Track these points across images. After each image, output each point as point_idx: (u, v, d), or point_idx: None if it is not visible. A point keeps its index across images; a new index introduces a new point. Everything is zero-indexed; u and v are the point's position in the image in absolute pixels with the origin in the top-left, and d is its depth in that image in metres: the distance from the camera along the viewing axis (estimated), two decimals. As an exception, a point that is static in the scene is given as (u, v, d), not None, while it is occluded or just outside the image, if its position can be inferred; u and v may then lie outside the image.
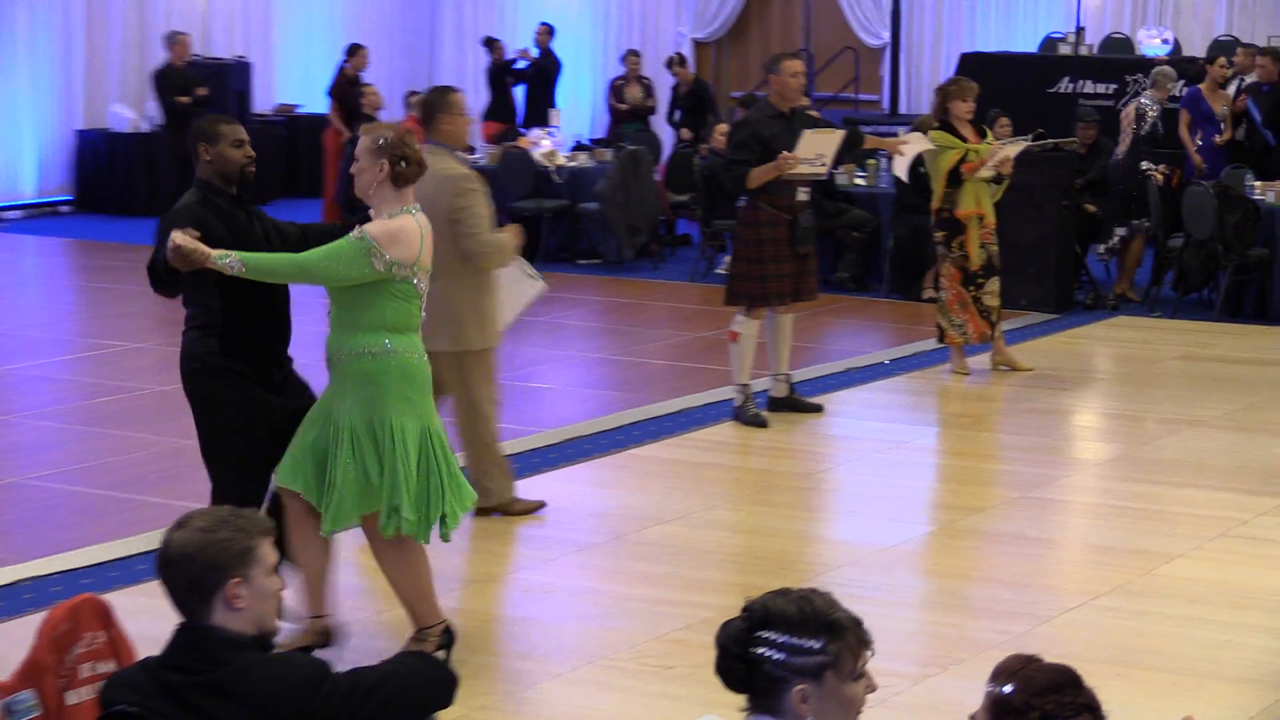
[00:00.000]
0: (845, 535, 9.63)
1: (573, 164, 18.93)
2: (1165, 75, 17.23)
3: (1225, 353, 13.87)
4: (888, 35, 24.35)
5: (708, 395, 12.15)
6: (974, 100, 12.71)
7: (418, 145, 7.01)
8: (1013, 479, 10.47)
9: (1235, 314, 15.25)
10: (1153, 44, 21.39)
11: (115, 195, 21.55)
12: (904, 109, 23.83)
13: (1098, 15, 23.14)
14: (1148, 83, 17.41)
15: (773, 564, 8.71)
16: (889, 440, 11.24)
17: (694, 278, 17.34)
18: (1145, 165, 15.96)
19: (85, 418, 11.48)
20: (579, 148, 20.32)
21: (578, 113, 24.98)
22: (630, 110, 22.12)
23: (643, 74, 22.60)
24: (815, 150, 11.11)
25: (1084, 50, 20.23)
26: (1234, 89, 17.65)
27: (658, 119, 22.66)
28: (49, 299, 17.28)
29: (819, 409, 11.75)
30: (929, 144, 12.51)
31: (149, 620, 6.14)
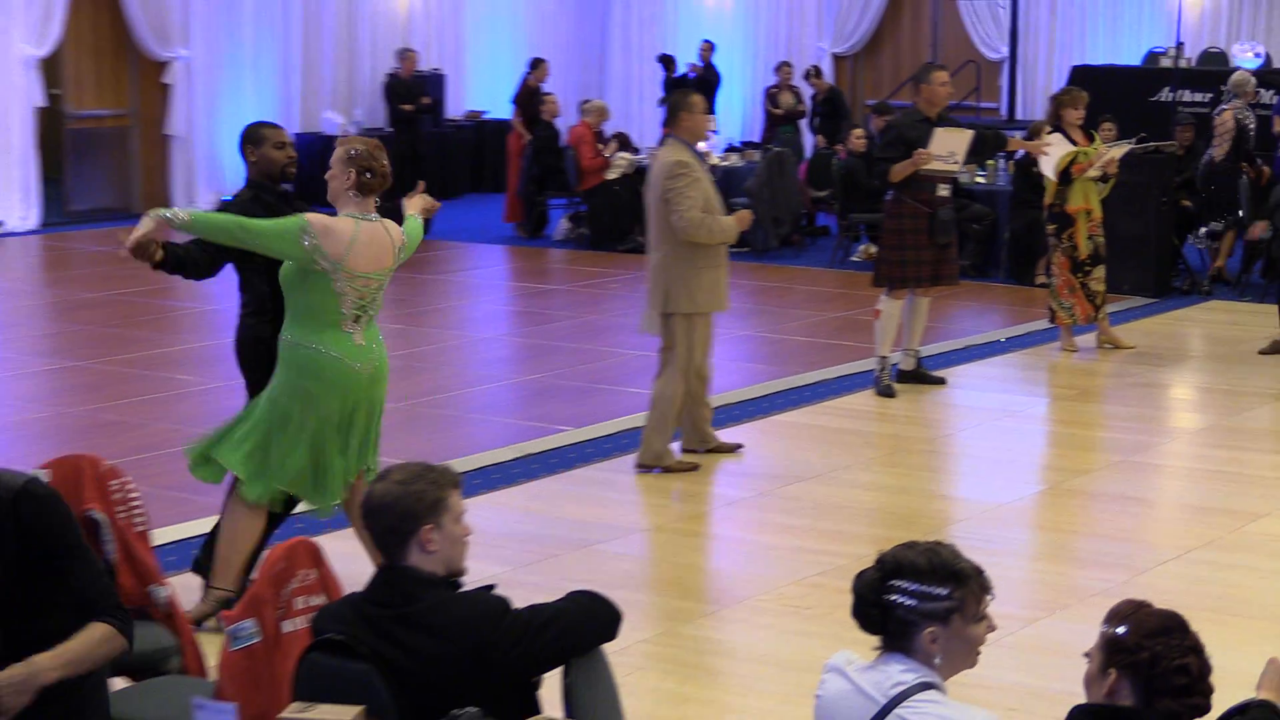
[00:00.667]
0: (965, 493, 9.56)
1: (725, 164, 18.94)
2: (1243, 82, 16.96)
3: (1309, 334, 13.64)
4: (1006, 50, 24.13)
5: (843, 368, 12.11)
6: (1083, 108, 12.60)
7: (385, 160, 6.75)
8: (1115, 445, 10.35)
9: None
10: (1245, 57, 21.04)
11: (325, 189, 21.75)
12: (1020, 115, 23.60)
13: (1196, 31, 22.80)
14: (1232, 92, 17.09)
15: (900, 518, 8.67)
16: (1004, 410, 11.15)
17: (831, 264, 17.32)
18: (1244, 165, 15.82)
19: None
20: (730, 149, 20.28)
21: (731, 118, 24.93)
22: (784, 114, 22.06)
23: (793, 83, 22.52)
24: (947, 147, 11.06)
25: (1183, 63, 19.96)
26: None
27: (804, 122, 22.58)
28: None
29: (942, 381, 11.68)
30: (1068, 146, 12.38)
31: (353, 561, 6.22)
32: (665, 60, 22.91)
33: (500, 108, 22.78)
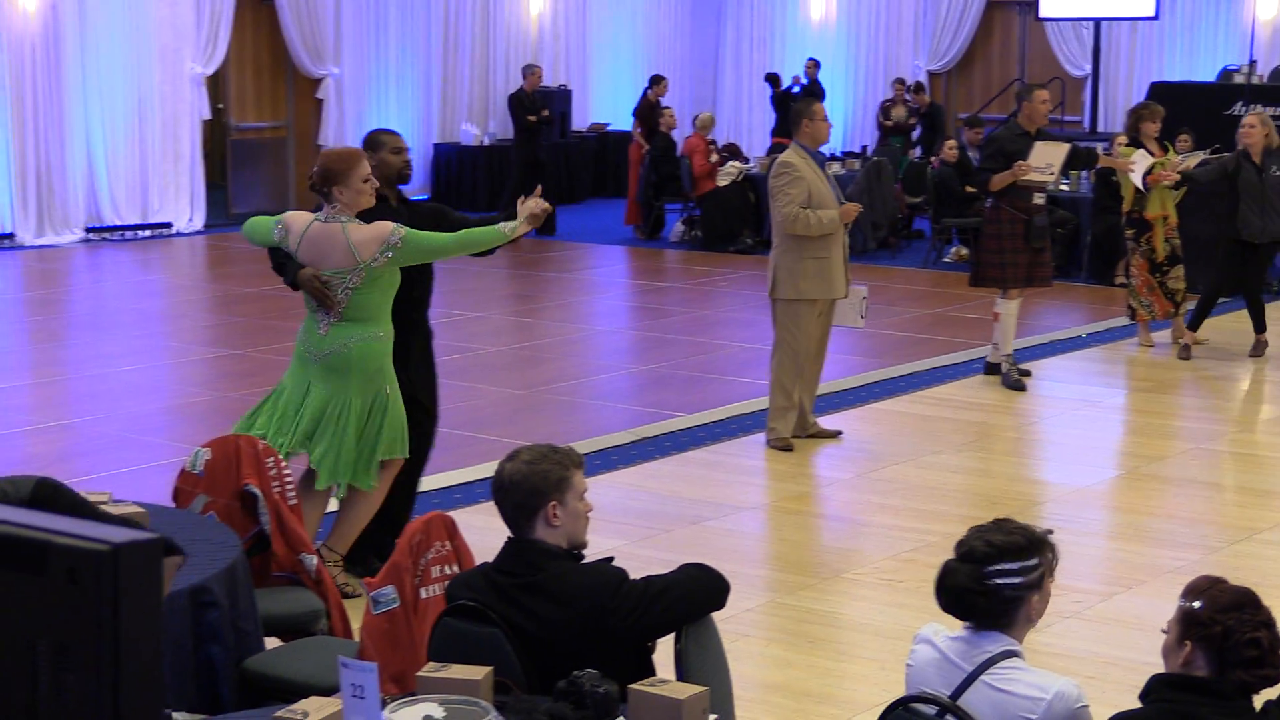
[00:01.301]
0: (1047, 477, 9.47)
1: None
2: None
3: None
4: (1089, 67, 23.86)
5: (935, 360, 12.05)
6: (1160, 121, 12.46)
7: (316, 165, 6.61)
8: (1188, 433, 10.21)
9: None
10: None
11: (463, 195, 21.86)
12: (1101, 128, 23.33)
13: (1268, 49, 22.43)
14: None
15: (987, 499, 8.59)
16: (1085, 400, 11.03)
17: (925, 265, 17.21)
18: None
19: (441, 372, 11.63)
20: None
21: (834, 130, 24.73)
22: (894, 126, 21.93)
23: (905, 97, 22.38)
24: (1045, 160, 10.97)
25: (1255, 79, 19.64)
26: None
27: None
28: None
29: (1027, 374, 11.56)
30: (1150, 160, 12.23)
31: (484, 534, 6.24)
32: (771, 78, 22.87)
33: (622, 120, 22.80)
